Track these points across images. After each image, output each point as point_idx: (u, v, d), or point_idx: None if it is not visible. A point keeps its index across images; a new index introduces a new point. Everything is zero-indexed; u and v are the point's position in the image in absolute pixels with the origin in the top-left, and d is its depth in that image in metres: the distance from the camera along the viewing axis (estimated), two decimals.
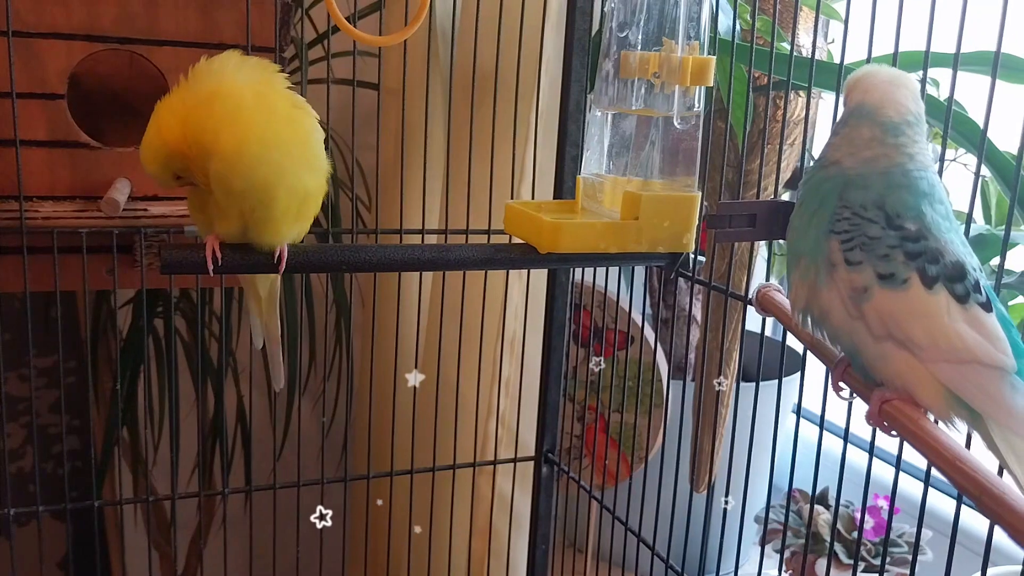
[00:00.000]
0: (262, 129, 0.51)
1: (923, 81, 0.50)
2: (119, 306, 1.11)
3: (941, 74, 0.90)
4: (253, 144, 0.50)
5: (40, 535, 0.74)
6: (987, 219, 0.92)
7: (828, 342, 0.49)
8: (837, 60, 0.61)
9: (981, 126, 0.50)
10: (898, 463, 0.56)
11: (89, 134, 0.72)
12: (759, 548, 0.87)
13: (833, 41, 1.02)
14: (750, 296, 0.59)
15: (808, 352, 0.56)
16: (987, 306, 0.44)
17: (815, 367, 0.60)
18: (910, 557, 0.86)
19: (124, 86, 0.76)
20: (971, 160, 0.94)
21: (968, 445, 0.46)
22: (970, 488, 0.38)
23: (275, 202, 0.53)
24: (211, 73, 0.51)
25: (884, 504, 0.95)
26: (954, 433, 0.43)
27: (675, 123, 0.61)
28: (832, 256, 0.46)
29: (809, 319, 0.48)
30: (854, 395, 0.50)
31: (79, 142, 0.71)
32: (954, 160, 0.95)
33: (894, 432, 0.44)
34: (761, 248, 1.00)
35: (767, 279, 0.60)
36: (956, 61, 0.49)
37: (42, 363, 1.16)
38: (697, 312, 1.08)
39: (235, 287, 1.00)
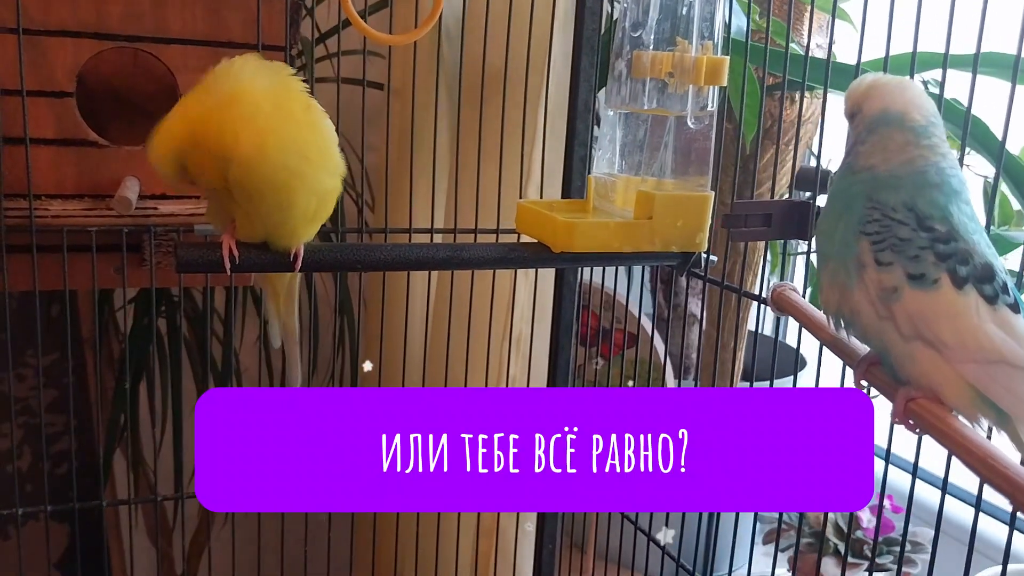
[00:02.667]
0: (281, 133, 0.50)
1: (942, 83, 0.50)
2: (120, 306, 1.10)
3: (949, 76, 0.91)
4: (272, 149, 0.50)
5: (47, 535, 0.73)
6: (990, 219, 0.92)
7: (858, 342, 0.49)
8: (838, 60, 0.61)
9: (992, 128, 0.50)
10: (915, 468, 0.56)
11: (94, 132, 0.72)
12: (763, 546, 0.88)
13: (835, 43, 1.02)
14: (764, 295, 0.59)
15: (823, 352, 0.56)
16: (1015, 307, 0.44)
17: (827, 368, 0.60)
18: (912, 556, 0.87)
19: (128, 85, 0.76)
20: (973, 160, 0.94)
21: (989, 439, 0.46)
22: (1002, 484, 0.38)
23: (294, 205, 0.53)
24: (230, 76, 0.51)
25: (887, 503, 0.96)
26: (977, 431, 0.43)
27: (688, 123, 0.61)
28: (862, 257, 0.46)
29: (841, 321, 0.49)
30: (871, 394, 0.50)
31: (87, 140, 0.71)
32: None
33: (919, 430, 0.45)
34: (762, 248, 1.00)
35: (773, 279, 0.60)
36: (976, 63, 0.50)
37: (41, 362, 1.15)
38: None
39: (240, 287, 1.00)
